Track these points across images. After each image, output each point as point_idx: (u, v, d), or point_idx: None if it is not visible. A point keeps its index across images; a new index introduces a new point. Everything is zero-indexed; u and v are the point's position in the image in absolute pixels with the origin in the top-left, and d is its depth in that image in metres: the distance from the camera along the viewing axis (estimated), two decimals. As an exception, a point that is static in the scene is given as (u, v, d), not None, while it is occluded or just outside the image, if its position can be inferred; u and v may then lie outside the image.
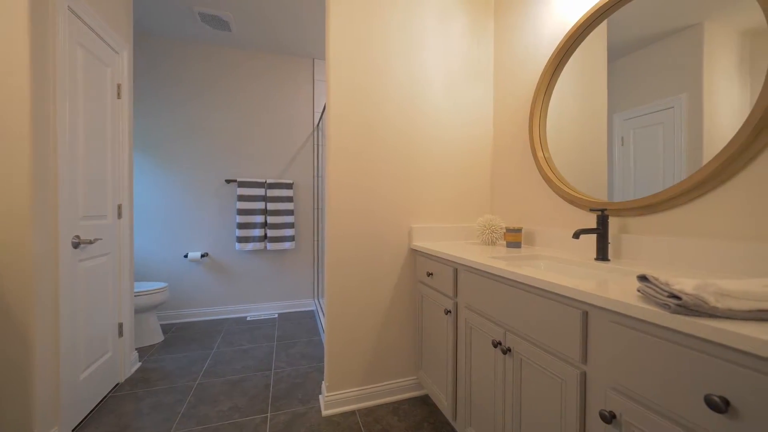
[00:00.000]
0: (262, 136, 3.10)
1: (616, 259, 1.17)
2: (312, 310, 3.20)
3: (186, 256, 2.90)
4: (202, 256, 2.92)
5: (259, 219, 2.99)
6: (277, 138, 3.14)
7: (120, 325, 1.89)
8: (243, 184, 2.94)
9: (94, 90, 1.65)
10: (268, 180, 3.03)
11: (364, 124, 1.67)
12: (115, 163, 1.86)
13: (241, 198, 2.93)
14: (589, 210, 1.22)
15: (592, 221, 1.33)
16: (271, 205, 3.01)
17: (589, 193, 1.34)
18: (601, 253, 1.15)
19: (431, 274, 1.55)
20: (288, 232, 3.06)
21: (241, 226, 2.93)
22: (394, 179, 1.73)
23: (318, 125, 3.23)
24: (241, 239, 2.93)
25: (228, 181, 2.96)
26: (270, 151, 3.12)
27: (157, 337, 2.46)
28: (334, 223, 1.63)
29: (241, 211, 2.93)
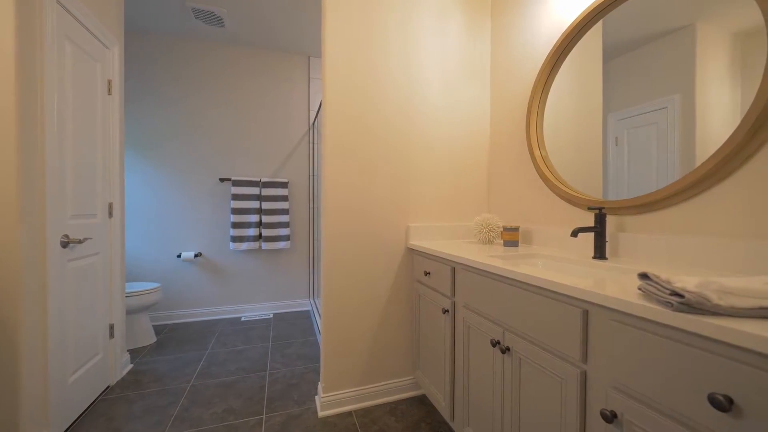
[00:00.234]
0: (257, 135, 3.06)
1: (613, 257, 1.17)
2: (307, 310, 3.18)
3: (179, 256, 2.86)
4: (195, 256, 2.87)
5: (253, 218, 2.95)
6: (272, 136, 3.10)
7: (111, 326, 1.85)
8: (237, 183, 2.91)
9: (83, 85, 1.61)
10: (263, 179, 3.00)
11: (360, 122, 1.66)
12: (106, 161, 1.82)
13: (236, 197, 2.90)
14: (587, 208, 1.22)
15: (588, 220, 1.33)
16: (265, 204, 2.98)
17: (585, 193, 1.34)
18: (599, 252, 1.15)
19: (428, 274, 1.54)
20: (283, 231, 3.03)
21: (236, 225, 2.90)
22: (390, 178, 1.72)
23: (314, 123, 3.20)
24: (235, 239, 2.89)
25: (222, 179, 2.92)
26: (265, 149, 3.08)
27: (150, 339, 2.42)
28: (330, 222, 1.61)
29: (236, 210, 2.90)
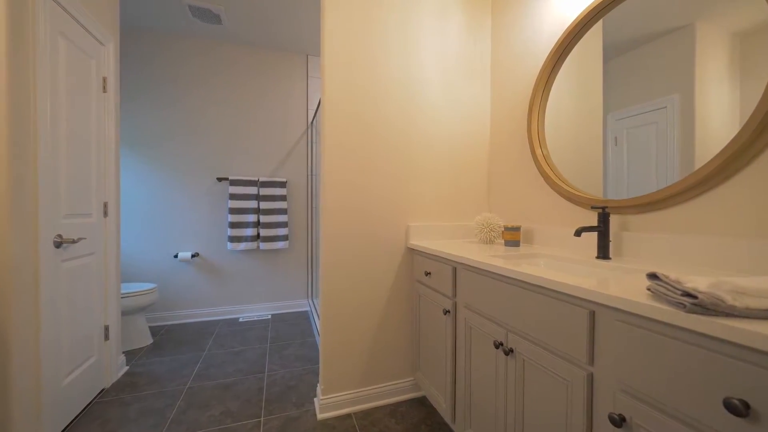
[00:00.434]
0: (255, 134, 3.03)
1: (617, 257, 1.16)
2: (306, 311, 3.15)
3: (176, 256, 2.82)
4: (192, 256, 2.84)
5: (251, 218, 2.92)
6: (270, 135, 3.07)
7: (106, 327, 1.82)
8: (235, 183, 2.88)
9: (77, 82, 1.58)
10: (261, 178, 2.97)
11: (359, 120, 1.63)
12: (101, 160, 1.78)
13: (233, 196, 2.87)
14: (591, 207, 1.21)
15: (590, 219, 1.32)
16: (264, 204, 2.95)
17: (587, 191, 1.32)
18: (602, 251, 1.13)
19: (429, 274, 1.52)
20: (281, 231, 3.00)
21: (233, 225, 2.87)
22: (390, 177, 1.70)
23: (312, 123, 3.18)
24: (233, 239, 2.86)
25: (219, 179, 2.89)
26: (263, 148, 3.05)
27: (146, 340, 2.39)
28: (329, 222, 1.59)
29: (233, 210, 2.87)
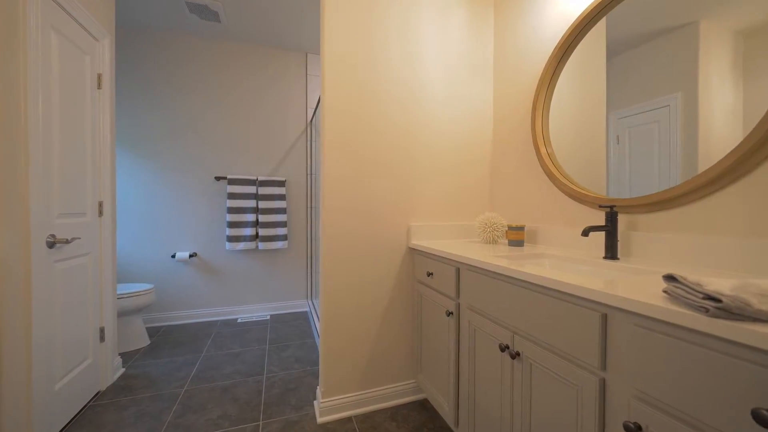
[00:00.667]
0: (254, 132, 2.99)
1: (624, 257, 1.13)
2: (305, 312, 3.12)
3: (174, 257, 2.79)
4: (190, 256, 2.81)
5: (250, 217, 2.89)
6: (269, 134, 3.04)
7: (101, 329, 1.78)
8: (233, 182, 2.84)
9: (71, 79, 1.54)
10: (260, 177, 2.94)
11: (359, 119, 1.60)
12: (96, 158, 1.75)
13: (232, 196, 2.83)
14: (599, 207, 1.18)
15: (595, 218, 1.29)
16: (262, 204, 2.91)
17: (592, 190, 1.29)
18: (610, 252, 1.10)
19: (431, 274, 1.48)
20: (280, 231, 2.97)
21: (232, 224, 2.83)
22: (391, 176, 1.67)
23: (311, 121, 3.14)
24: (231, 238, 2.83)
25: (218, 178, 2.85)
26: (261, 147, 3.02)
27: (143, 341, 2.35)
28: (328, 222, 1.56)
29: (232, 210, 2.83)
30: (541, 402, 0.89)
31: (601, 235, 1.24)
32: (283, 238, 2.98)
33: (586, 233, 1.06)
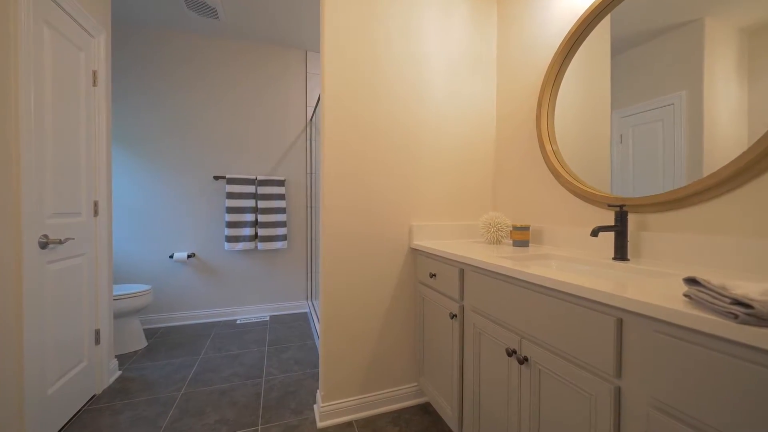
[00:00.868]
0: (253, 131, 2.96)
1: (635, 258, 1.09)
2: (305, 312, 3.08)
3: (172, 257, 2.75)
4: (188, 257, 2.77)
5: (249, 217, 2.85)
6: (269, 133, 3.00)
7: (97, 331, 1.74)
8: (232, 181, 2.80)
9: (65, 75, 1.51)
10: (259, 177, 2.90)
11: (360, 118, 1.56)
12: (91, 157, 1.71)
13: (231, 195, 2.79)
14: (607, 206, 1.14)
15: (602, 218, 1.25)
16: (262, 203, 2.88)
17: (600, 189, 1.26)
18: (620, 252, 1.07)
19: (434, 275, 1.45)
20: (280, 231, 2.93)
21: (231, 224, 2.79)
22: (392, 175, 1.63)
23: (311, 120, 3.10)
24: (230, 239, 2.79)
25: (216, 177, 2.81)
26: (261, 146, 2.98)
27: (140, 343, 2.31)
28: (329, 222, 1.52)
29: (231, 210, 2.79)
30: (551, 410, 0.85)
31: (608, 235, 1.20)
32: (283, 238, 2.94)
33: (595, 233, 1.03)
